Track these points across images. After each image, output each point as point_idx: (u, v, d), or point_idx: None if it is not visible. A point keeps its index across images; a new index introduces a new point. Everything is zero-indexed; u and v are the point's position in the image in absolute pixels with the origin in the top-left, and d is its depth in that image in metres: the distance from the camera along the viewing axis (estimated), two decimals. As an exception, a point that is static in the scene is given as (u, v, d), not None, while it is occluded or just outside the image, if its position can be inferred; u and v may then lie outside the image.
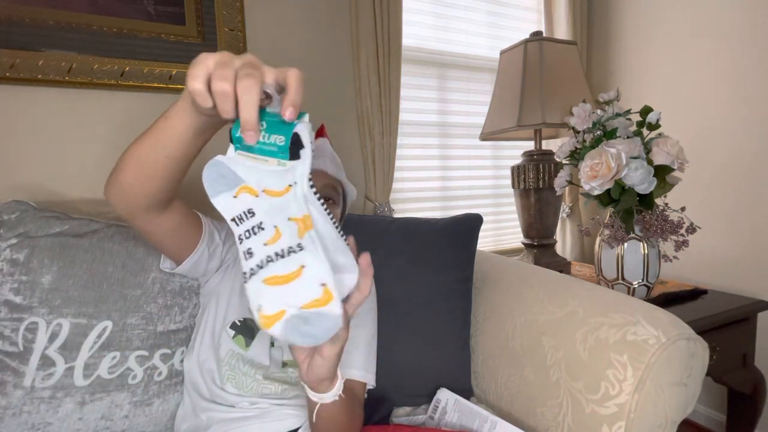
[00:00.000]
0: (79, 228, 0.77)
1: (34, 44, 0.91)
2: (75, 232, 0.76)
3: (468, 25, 1.55)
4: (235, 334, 0.71)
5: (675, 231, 0.97)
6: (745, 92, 1.28)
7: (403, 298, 0.86)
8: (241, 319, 0.72)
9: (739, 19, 1.28)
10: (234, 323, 0.71)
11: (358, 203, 1.32)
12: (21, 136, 0.93)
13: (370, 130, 1.26)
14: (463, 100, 1.56)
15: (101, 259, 0.76)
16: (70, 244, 0.74)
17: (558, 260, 1.35)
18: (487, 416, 0.70)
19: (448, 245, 0.90)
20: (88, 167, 0.99)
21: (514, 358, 0.77)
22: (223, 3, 1.08)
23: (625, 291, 1.04)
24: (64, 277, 0.72)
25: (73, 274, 0.73)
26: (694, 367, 0.62)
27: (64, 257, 0.73)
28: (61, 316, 0.71)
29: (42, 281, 0.71)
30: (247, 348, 0.70)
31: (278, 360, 0.71)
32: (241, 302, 0.73)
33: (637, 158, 0.94)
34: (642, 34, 1.55)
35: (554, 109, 1.20)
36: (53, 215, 0.77)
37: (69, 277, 0.72)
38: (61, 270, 0.72)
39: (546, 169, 1.27)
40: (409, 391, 0.83)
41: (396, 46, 1.26)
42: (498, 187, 1.67)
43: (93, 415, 0.70)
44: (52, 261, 0.72)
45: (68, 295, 0.72)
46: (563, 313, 0.72)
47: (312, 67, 1.23)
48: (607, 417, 0.60)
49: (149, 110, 1.04)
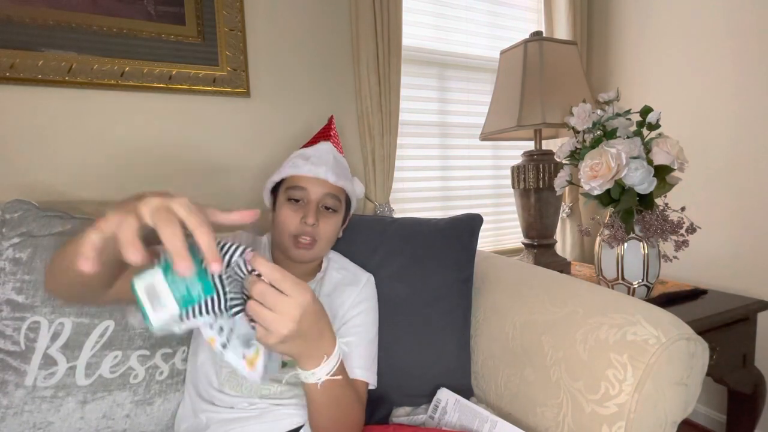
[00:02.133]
0: (82, 227, 0.77)
1: (34, 44, 0.91)
2: (77, 232, 0.76)
3: (468, 25, 1.55)
4: None
5: (675, 231, 0.97)
6: (745, 92, 1.28)
7: (403, 298, 0.86)
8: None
9: (740, 19, 1.28)
10: None
11: (358, 203, 1.33)
12: (21, 136, 0.93)
13: (370, 130, 1.26)
14: (463, 100, 1.56)
15: None
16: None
17: (558, 260, 1.35)
18: (487, 416, 0.70)
19: (448, 245, 0.90)
20: (88, 167, 0.99)
21: (514, 358, 0.77)
22: (223, 3, 1.08)
23: (625, 291, 1.04)
24: None
25: None
26: (694, 367, 0.62)
27: None
28: (63, 316, 0.71)
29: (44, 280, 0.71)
30: None
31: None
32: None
33: (637, 158, 0.94)
34: (642, 34, 1.55)
35: (554, 109, 1.20)
36: (55, 215, 0.77)
37: None
38: None
39: (546, 169, 1.27)
40: (409, 391, 0.83)
41: (396, 46, 1.26)
42: (498, 187, 1.67)
43: (94, 414, 0.70)
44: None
45: None
46: (563, 313, 0.72)
47: (312, 67, 1.23)
48: (607, 417, 0.60)
49: (149, 110, 1.04)
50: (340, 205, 0.78)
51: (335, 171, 0.77)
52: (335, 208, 0.77)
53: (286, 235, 0.74)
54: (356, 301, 0.78)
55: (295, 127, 1.21)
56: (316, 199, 0.75)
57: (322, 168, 0.75)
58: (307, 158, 0.77)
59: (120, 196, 1.01)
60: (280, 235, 0.75)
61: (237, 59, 1.10)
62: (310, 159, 0.77)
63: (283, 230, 0.74)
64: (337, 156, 0.81)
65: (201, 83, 1.07)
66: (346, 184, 0.79)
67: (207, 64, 1.08)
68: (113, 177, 1.01)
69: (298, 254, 0.74)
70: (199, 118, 1.09)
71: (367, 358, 0.74)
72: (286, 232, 0.73)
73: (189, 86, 1.06)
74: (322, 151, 0.80)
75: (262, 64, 1.15)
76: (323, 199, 0.75)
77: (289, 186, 0.76)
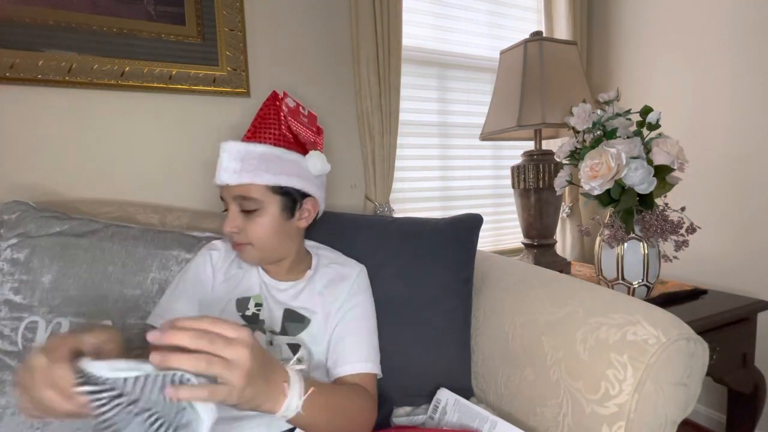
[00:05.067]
0: (80, 228, 0.77)
1: (34, 44, 0.91)
2: (75, 232, 0.76)
3: (468, 25, 1.55)
4: None
5: (675, 231, 0.97)
6: (745, 92, 1.28)
7: (404, 298, 0.86)
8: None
9: (740, 18, 1.28)
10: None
11: (358, 203, 1.33)
12: (21, 136, 0.93)
13: (370, 130, 1.26)
14: (463, 100, 1.56)
15: (101, 258, 0.76)
16: (70, 244, 0.75)
17: (558, 260, 1.35)
18: (487, 416, 0.70)
19: (448, 245, 0.90)
20: (88, 167, 0.99)
21: (514, 358, 0.77)
22: (223, 3, 1.08)
23: (625, 291, 1.04)
24: (64, 277, 0.72)
25: (73, 274, 0.73)
26: (694, 367, 0.62)
27: (65, 257, 0.73)
28: (61, 315, 0.71)
29: (42, 281, 0.71)
30: None
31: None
32: (226, 309, 0.73)
33: (637, 158, 0.94)
34: (642, 34, 1.55)
35: (554, 109, 1.20)
36: (53, 215, 0.77)
37: (69, 276, 0.73)
38: (61, 269, 0.73)
39: (546, 169, 1.27)
40: (409, 391, 0.83)
41: (396, 46, 1.26)
42: (498, 187, 1.67)
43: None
44: (52, 261, 0.73)
45: (68, 295, 0.72)
46: (563, 313, 0.72)
47: (312, 67, 1.23)
48: (607, 417, 0.60)
49: (149, 110, 1.04)
50: (260, 202, 0.71)
51: (240, 168, 0.70)
52: (253, 207, 0.71)
53: (230, 242, 0.75)
54: (350, 295, 0.78)
55: (294, 127, 1.21)
56: (233, 204, 0.72)
57: (220, 172, 0.72)
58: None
59: (120, 195, 1.01)
60: None
61: (237, 59, 1.10)
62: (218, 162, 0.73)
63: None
64: (249, 149, 0.72)
65: (201, 83, 1.07)
66: (264, 177, 0.71)
67: (207, 64, 1.08)
68: (113, 177, 1.01)
69: (244, 259, 0.75)
70: (199, 118, 1.09)
71: (369, 349, 0.74)
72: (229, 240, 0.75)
73: (189, 86, 1.06)
74: (226, 150, 0.72)
75: (262, 64, 1.15)
76: (238, 202, 0.72)
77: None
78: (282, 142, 0.76)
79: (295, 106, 0.81)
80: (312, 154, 0.77)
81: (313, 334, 0.73)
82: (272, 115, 0.78)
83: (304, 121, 0.82)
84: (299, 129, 0.79)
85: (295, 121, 0.79)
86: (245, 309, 0.74)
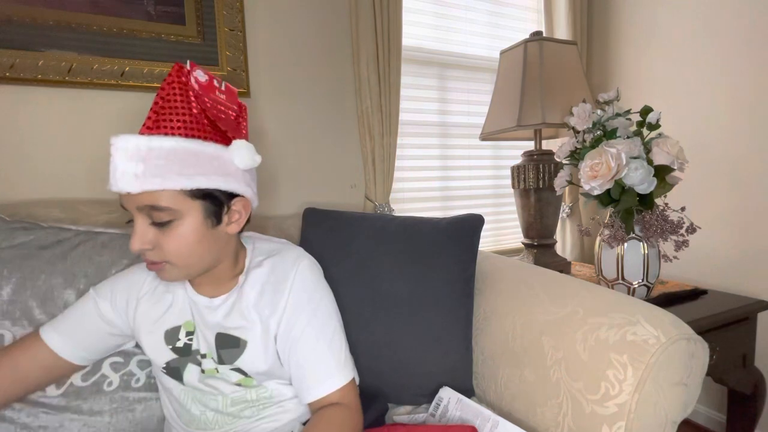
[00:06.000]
0: (45, 238, 0.76)
1: (34, 44, 0.91)
2: (39, 243, 0.75)
3: (468, 25, 1.55)
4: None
5: (675, 231, 0.97)
6: (745, 92, 1.28)
7: (405, 297, 0.85)
8: (164, 365, 0.67)
9: (739, 19, 1.28)
10: (163, 368, 0.67)
11: (357, 203, 1.33)
12: (21, 136, 0.93)
13: (370, 130, 1.26)
14: (463, 100, 1.56)
15: (63, 269, 0.74)
16: (31, 255, 0.73)
17: (558, 260, 1.35)
18: (489, 416, 0.70)
19: (450, 245, 0.90)
20: (87, 167, 0.99)
21: (514, 358, 0.77)
22: (223, 3, 1.08)
23: (625, 291, 1.04)
24: (22, 289, 0.71)
25: (31, 286, 0.72)
26: (694, 367, 0.62)
27: (23, 268, 0.72)
28: (24, 328, 0.70)
29: (1, 293, 0.70)
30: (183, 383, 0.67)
31: (229, 384, 0.66)
32: (156, 348, 0.67)
33: (637, 158, 0.94)
34: (642, 34, 1.55)
35: (554, 109, 1.20)
36: (21, 226, 0.76)
37: (27, 288, 0.71)
38: (19, 281, 0.71)
39: (546, 169, 1.27)
40: (411, 390, 0.83)
41: (396, 46, 1.26)
42: (498, 187, 1.67)
43: (75, 424, 0.69)
44: (11, 273, 0.71)
45: (27, 306, 0.71)
46: (563, 313, 0.72)
47: (312, 67, 1.23)
48: (607, 417, 0.60)
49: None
50: (175, 211, 0.56)
51: (143, 171, 0.53)
52: (166, 219, 0.56)
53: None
54: (293, 308, 0.66)
55: (295, 127, 1.21)
56: (140, 216, 0.57)
57: (115, 177, 0.54)
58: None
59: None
60: None
61: (237, 59, 1.10)
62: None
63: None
64: (153, 144, 0.54)
65: (201, 83, 1.07)
66: (177, 181, 0.55)
67: (207, 64, 1.07)
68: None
69: (164, 279, 0.61)
70: (199, 118, 1.09)
71: (336, 361, 0.66)
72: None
73: (189, 86, 1.06)
74: (119, 147, 0.54)
75: (262, 64, 1.15)
76: (146, 213, 0.56)
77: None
78: (196, 131, 0.58)
79: (208, 81, 0.62)
80: (237, 144, 0.60)
81: (252, 358, 0.64)
82: (178, 94, 0.58)
83: (222, 99, 0.64)
84: (217, 111, 0.61)
85: (211, 101, 0.61)
86: (175, 341, 0.65)
